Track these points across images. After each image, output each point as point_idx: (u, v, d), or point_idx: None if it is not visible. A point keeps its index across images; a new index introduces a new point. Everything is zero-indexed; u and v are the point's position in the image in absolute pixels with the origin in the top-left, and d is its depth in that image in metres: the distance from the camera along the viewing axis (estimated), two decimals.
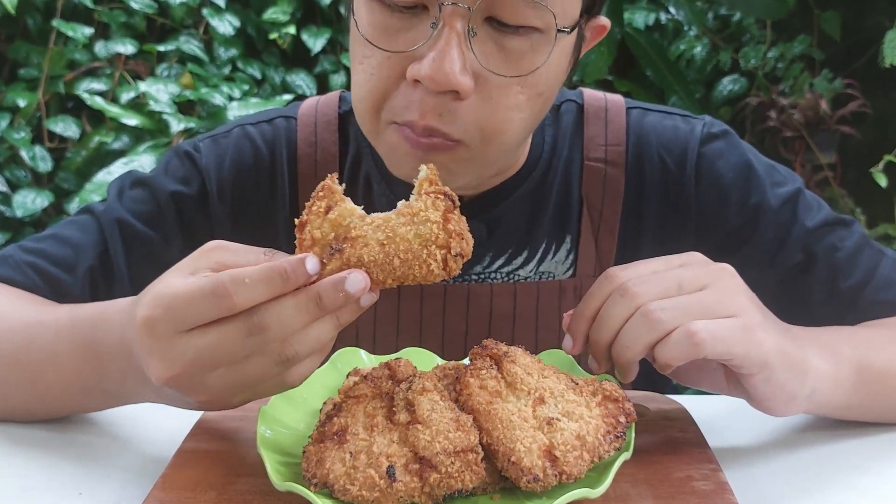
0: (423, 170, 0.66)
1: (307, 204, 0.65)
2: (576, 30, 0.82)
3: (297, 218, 0.66)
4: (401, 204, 0.65)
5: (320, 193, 0.65)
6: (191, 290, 0.62)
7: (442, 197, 0.64)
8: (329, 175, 0.66)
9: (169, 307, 0.62)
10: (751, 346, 0.69)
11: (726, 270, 0.73)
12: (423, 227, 0.63)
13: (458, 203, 0.65)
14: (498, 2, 0.75)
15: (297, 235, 0.64)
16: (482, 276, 0.98)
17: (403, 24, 0.78)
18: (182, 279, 0.64)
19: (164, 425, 0.85)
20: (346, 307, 0.64)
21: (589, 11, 0.84)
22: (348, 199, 0.65)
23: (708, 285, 0.71)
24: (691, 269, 0.72)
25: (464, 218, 0.65)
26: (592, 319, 0.73)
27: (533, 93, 0.81)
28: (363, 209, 0.65)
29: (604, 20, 0.88)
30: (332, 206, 0.64)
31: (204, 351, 0.62)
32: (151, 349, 0.64)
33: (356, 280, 0.62)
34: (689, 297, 0.70)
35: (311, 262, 0.62)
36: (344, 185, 0.66)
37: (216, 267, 0.65)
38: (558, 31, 0.78)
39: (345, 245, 0.63)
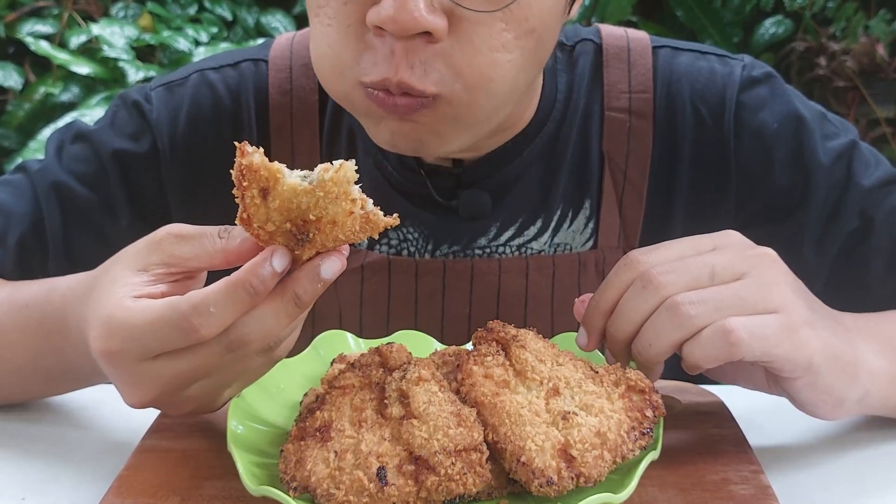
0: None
1: (236, 193, 0.61)
2: None
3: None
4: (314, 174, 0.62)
5: (244, 183, 0.61)
6: (150, 323, 0.63)
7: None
8: (238, 146, 0.61)
9: (127, 339, 0.64)
10: (793, 347, 0.69)
11: (766, 255, 0.72)
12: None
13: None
14: None
15: (246, 229, 0.63)
16: (488, 249, 0.97)
17: None
18: (133, 300, 0.65)
19: (121, 418, 0.86)
20: None
21: None
22: (278, 168, 0.60)
23: (745, 274, 0.70)
24: (726, 253, 0.71)
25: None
26: (610, 311, 0.72)
27: (521, 30, 0.76)
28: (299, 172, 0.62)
29: None
30: (266, 188, 0.61)
31: (178, 374, 0.65)
32: (118, 377, 0.67)
33: (332, 266, 0.63)
34: (722, 288, 0.69)
35: (279, 260, 0.62)
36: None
37: (169, 261, 0.66)
38: None
39: (312, 233, 0.61)
